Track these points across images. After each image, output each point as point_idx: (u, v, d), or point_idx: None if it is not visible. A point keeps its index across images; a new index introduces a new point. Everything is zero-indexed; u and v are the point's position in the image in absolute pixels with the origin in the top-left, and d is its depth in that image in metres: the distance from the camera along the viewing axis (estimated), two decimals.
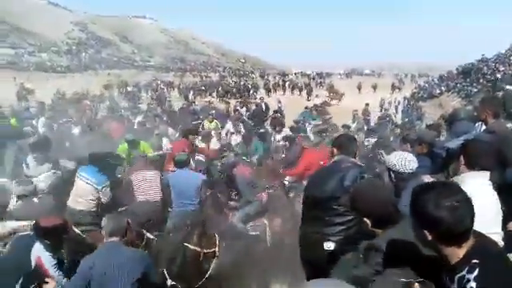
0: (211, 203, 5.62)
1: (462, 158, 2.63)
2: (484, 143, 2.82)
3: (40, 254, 3.55)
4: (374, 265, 2.21)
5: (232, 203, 5.84)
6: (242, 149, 8.50)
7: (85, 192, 4.95)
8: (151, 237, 4.72)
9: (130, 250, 3.40)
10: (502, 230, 2.63)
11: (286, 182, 6.73)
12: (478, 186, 2.15)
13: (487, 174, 2.58)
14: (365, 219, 2.33)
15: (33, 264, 3.51)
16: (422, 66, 68.06)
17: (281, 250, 4.76)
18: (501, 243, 2.30)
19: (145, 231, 4.72)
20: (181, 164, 5.59)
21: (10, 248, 3.71)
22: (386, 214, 2.29)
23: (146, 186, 5.60)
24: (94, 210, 4.94)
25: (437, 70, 41.50)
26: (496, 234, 2.36)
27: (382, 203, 2.32)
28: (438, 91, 26.29)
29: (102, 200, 4.97)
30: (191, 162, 6.32)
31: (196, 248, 4.28)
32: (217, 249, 4.43)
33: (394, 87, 38.56)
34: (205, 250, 4.33)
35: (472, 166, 2.56)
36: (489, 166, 2.61)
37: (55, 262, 3.61)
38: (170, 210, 5.50)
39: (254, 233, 5.36)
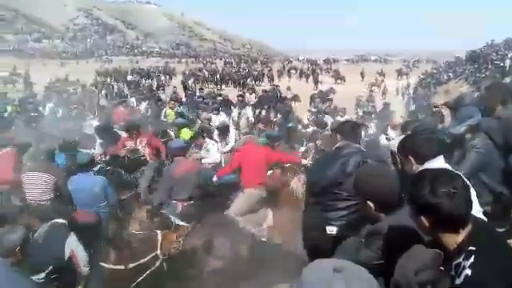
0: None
1: (410, 158, 2.56)
2: (421, 134, 2.79)
3: (74, 248, 3.61)
4: (376, 249, 2.21)
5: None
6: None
7: None
8: (181, 223, 4.28)
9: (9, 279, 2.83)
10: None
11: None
12: None
13: (441, 157, 2.55)
14: (368, 202, 2.32)
15: (66, 256, 3.55)
16: (430, 52, 67.23)
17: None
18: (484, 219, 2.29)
19: (173, 218, 4.29)
20: (81, 167, 4.92)
21: (45, 235, 3.68)
22: (391, 197, 2.29)
23: (29, 186, 5.03)
24: None
25: (445, 56, 40.96)
26: (478, 213, 2.35)
27: (387, 187, 2.31)
28: (445, 77, 26.03)
29: None
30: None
31: (116, 267, 3.58)
32: (158, 251, 3.72)
33: (400, 73, 38.18)
34: (132, 264, 3.58)
35: (422, 159, 2.51)
36: (437, 153, 2.57)
37: (87, 260, 3.64)
38: None
39: None
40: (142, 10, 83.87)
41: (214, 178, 5.55)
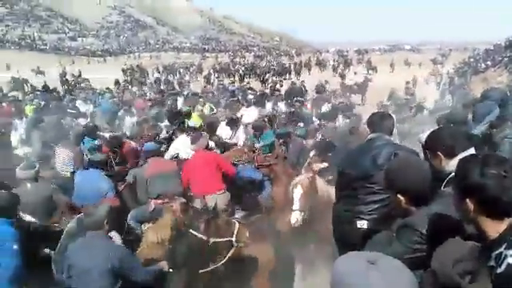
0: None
1: (439, 153, 2.39)
2: (449, 127, 2.61)
3: (112, 234, 3.77)
4: (407, 243, 2.17)
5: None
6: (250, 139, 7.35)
7: None
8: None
9: (103, 244, 3.18)
10: None
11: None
12: None
13: (472, 150, 2.37)
14: (399, 196, 2.27)
15: None
16: (467, 41, 64.69)
17: None
18: None
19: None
20: (92, 163, 5.06)
21: (79, 222, 3.77)
22: (422, 190, 2.22)
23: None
24: None
25: (482, 44, 39.27)
26: None
27: (418, 179, 2.24)
28: (483, 66, 24.96)
29: None
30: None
31: (202, 236, 3.74)
32: (234, 238, 3.84)
33: (435, 63, 36.92)
34: (213, 239, 3.76)
35: (452, 154, 2.34)
36: (466, 146, 2.39)
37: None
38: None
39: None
40: (171, 6, 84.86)
41: None
